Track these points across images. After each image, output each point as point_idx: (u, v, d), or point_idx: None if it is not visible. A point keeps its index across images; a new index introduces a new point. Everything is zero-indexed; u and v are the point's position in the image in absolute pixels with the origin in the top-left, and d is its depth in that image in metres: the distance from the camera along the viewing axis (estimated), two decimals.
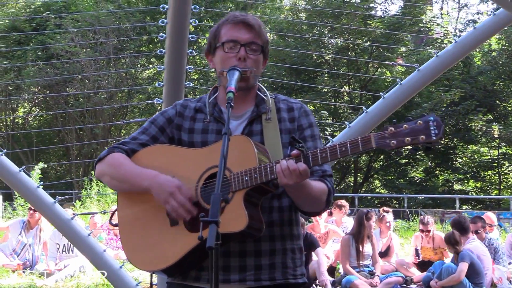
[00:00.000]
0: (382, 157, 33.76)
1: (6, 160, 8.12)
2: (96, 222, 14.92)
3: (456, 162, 33.49)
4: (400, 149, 3.23)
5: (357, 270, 11.89)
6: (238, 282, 3.59)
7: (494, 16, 8.49)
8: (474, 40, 8.64)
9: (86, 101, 30.61)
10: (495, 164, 33.20)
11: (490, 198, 31.29)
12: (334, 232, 13.60)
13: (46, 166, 19.89)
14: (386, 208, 14.38)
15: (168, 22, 7.15)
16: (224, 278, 3.58)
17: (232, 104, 3.38)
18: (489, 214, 15.15)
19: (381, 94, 8.61)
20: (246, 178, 3.39)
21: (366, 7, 31.73)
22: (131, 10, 29.54)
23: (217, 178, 3.15)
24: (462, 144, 32.67)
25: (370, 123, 8.60)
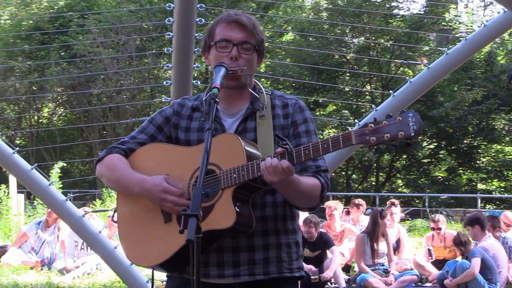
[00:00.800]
0: (404, 156, 33.65)
1: (18, 158, 8.21)
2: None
3: (479, 162, 33.24)
4: (380, 145, 3.27)
5: (372, 268, 11.88)
6: (232, 277, 3.64)
7: (504, 13, 8.44)
8: (484, 38, 8.58)
9: (108, 101, 30.75)
10: None
11: None
12: (350, 230, 13.59)
13: (66, 165, 19.92)
14: (393, 200, 14.40)
15: (174, 21, 7.21)
16: (218, 273, 3.64)
17: (217, 100, 3.43)
18: (507, 213, 15.01)
19: (391, 92, 8.61)
20: (235, 176, 3.46)
21: (387, 6, 31.63)
22: (136, 9, 29.56)
23: (199, 173, 3.22)
24: (485, 143, 32.42)
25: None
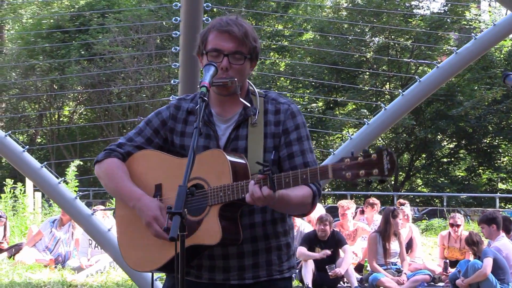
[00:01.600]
0: (424, 155, 33.54)
1: (28, 156, 8.28)
2: None
3: (499, 161, 33.07)
4: (355, 180, 3.32)
5: (384, 267, 11.87)
6: (223, 280, 3.76)
7: None
8: (493, 37, 8.57)
9: (128, 99, 30.89)
10: None
11: None
12: (363, 229, 13.58)
13: (82, 163, 20.04)
14: (402, 200, 14.36)
15: (181, 20, 7.25)
16: (209, 277, 3.78)
17: (205, 98, 3.50)
18: None
19: (400, 91, 8.60)
20: (221, 194, 3.54)
21: (407, 5, 31.53)
22: (142, 8, 29.65)
23: (185, 171, 3.30)
24: (505, 142, 32.24)
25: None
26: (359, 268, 12.97)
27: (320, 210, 13.63)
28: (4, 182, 18.48)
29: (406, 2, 31.45)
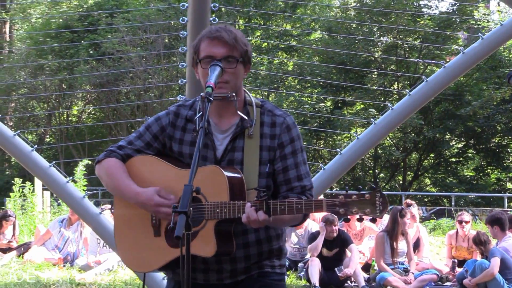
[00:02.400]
0: (432, 155, 33.50)
1: (36, 155, 8.31)
2: None
3: (507, 161, 33.00)
4: (347, 216, 3.54)
5: (391, 267, 11.89)
6: (216, 281, 3.91)
7: None
8: (500, 37, 8.54)
9: (136, 99, 30.94)
10: None
11: None
12: (370, 229, 13.60)
13: (90, 162, 20.07)
14: (409, 201, 14.34)
15: (188, 20, 7.28)
16: (204, 278, 3.90)
17: (210, 98, 3.55)
18: None
19: (407, 90, 8.60)
20: (217, 210, 3.67)
21: (415, 5, 31.47)
22: (151, 8, 29.67)
23: (190, 170, 3.37)
24: None
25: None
26: (367, 267, 12.98)
27: None
28: (13, 181, 18.56)
29: (415, 1, 31.40)
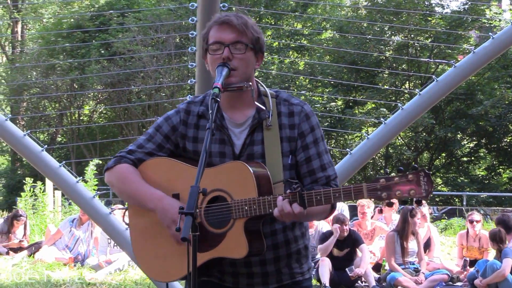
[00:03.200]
0: (444, 154, 33.41)
1: (46, 155, 8.31)
2: None
3: None
4: (390, 200, 3.38)
5: (402, 266, 11.85)
6: (246, 285, 3.77)
7: None
8: (511, 36, 8.51)
9: (147, 98, 31.00)
10: None
11: None
12: (381, 228, 13.55)
13: (101, 162, 20.14)
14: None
15: (197, 20, 7.27)
16: (233, 281, 3.76)
17: (218, 99, 3.46)
18: None
19: (417, 90, 8.57)
20: (246, 208, 3.51)
21: (426, 4, 31.38)
22: (158, 8, 29.69)
23: (197, 172, 3.27)
24: None
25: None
26: (377, 267, 12.95)
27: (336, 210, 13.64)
28: (24, 181, 18.63)
29: (426, 0, 31.31)
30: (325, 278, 11.50)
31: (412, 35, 31.30)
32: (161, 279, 3.79)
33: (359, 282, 12.00)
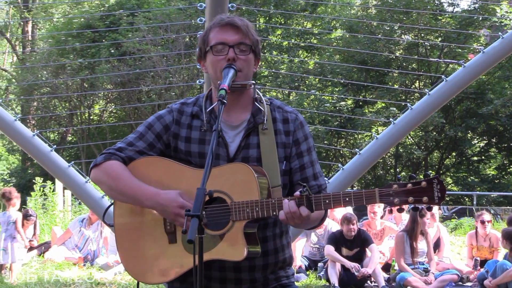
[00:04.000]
0: (454, 154, 33.34)
1: (55, 155, 8.36)
2: None
3: None
4: (402, 206, 3.38)
5: (411, 267, 11.82)
6: None
7: None
8: None
9: (157, 97, 31.02)
10: None
11: None
12: (390, 228, 13.53)
13: None
14: None
15: (206, 20, 7.28)
16: (220, 287, 3.70)
17: (224, 101, 3.42)
18: None
19: (426, 90, 8.57)
20: (248, 210, 3.47)
21: (437, 3, 31.32)
22: (168, 8, 29.72)
23: (203, 173, 3.20)
24: None
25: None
26: (387, 267, 12.92)
27: (344, 209, 13.64)
28: (34, 180, 18.67)
29: None
30: (334, 278, 11.49)
31: (422, 34, 31.25)
32: (143, 280, 3.71)
33: (369, 282, 11.97)
